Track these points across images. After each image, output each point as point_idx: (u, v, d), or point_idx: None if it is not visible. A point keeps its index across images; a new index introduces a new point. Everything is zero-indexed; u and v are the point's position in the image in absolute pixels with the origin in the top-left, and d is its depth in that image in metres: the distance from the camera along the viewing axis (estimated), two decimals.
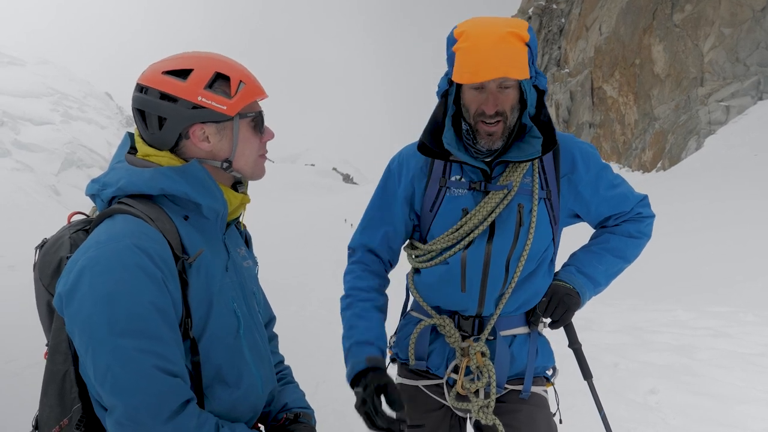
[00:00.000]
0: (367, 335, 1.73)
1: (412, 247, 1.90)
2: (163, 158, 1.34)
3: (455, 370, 1.81)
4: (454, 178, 1.77)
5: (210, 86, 1.31)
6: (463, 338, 1.80)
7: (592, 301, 2.00)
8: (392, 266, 1.97)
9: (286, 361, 1.73)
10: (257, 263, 1.62)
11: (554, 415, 1.86)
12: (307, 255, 22.18)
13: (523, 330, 1.83)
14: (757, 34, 27.86)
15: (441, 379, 1.84)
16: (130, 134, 1.42)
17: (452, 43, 1.60)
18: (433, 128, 1.73)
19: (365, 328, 1.74)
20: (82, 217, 1.42)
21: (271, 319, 1.74)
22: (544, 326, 1.86)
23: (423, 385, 1.88)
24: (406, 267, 1.98)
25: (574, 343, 1.91)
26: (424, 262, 1.84)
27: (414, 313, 1.93)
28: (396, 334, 1.99)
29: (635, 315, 7.43)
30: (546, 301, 1.79)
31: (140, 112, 1.33)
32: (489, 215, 1.72)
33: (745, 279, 8.92)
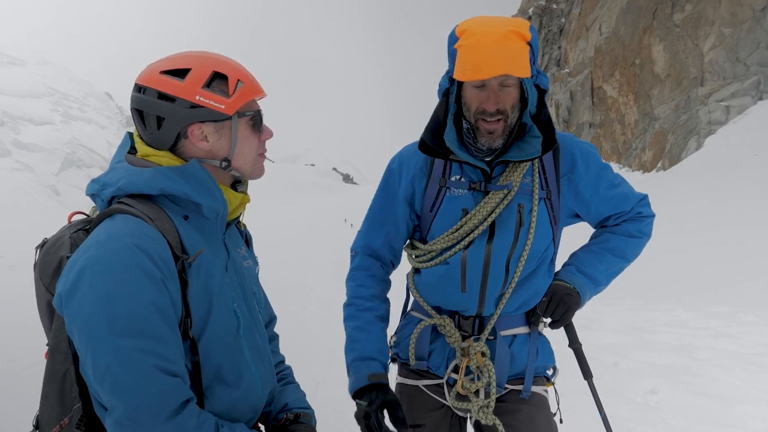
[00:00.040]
0: (369, 350, 1.75)
1: (413, 247, 1.90)
2: (163, 158, 1.33)
3: (455, 370, 1.81)
4: (454, 178, 1.77)
5: (208, 85, 1.31)
6: (464, 338, 1.80)
7: (592, 301, 2.00)
8: (395, 266, 1.97)
9: (286, 361, 1.73)
10: (258, 263, 1.62)
11: (554, 414, 1.86)
12: (307, 255, 22.18)
13: (523, 330, 1.83)
14: (758, 34, 27.84)
15: (441, 378, 1.84)
16: (130, 134, 1.42)
17: (454, 41, 1.60)
18: (435, 127, 1.73)
19: (367, 342, 1.77)
20: (83, 216, 1.42)
21: (272, 319, 1.74)
22: (545, 326, 1.85)
23: (423, 385, 1.88)
24: (406, 267, 1.98)
25: (575, 343, 1.91)
26: (424, 262, 1.84)
27: (414, 313, 1.93)
28: (396, 334, 1.99)
29: (635, 315, 7.43)
30: (546, 301, 1.79)
31: (139, 112, 1.33)
32: (489, 215, 1.71)
33: (745, 279, 8.92)
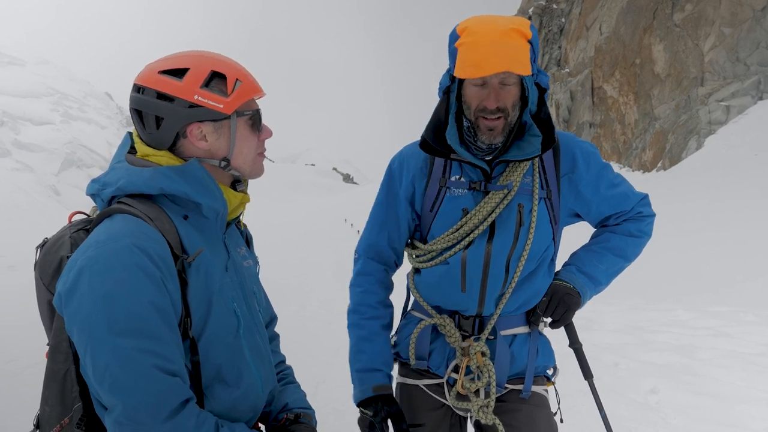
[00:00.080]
0: (374, 361, 1.79)
1: (413, 247, 1.90)
2: (163, 158, 1.34)
3: (456, 370, 1.81)
4: (454, 178, 1.77)
5: (206, 85, 1.31)
6: (464, 338, 1.80)
7: (592, 301, 2.00)
8: (398, 266, 1.98)
9: (286, 361, 1.73)
10: (258, 263, 1.62)
11: (555, 414, 1.86)
12: (307, 255, 22.16)
13: (523, 329, 1.83)
14: (758, 34, 27.81)
15: (441, 378, 1.85)
16: (130, 134, 1.42)
17: (455, 39, 1.60)
18: (436, 125, 1.73)
19: (372, 353, 1.80)
20: (83, 216, 1.42)
21: (273, 319, 1.74)
22: (545, 326, 1.85)
23: (423, 385, 1.88)
24: (406, 267, 1.98)
25: (575, 343, 1.91)
26: (424, 262, 1.84)
27: (414, 313, 1.93)
28: (397, 333, 1.99)
29: (636, 314, 7.43)
30: (546, 301, 1.79)
31: (138, 112, 1.33)
32: (489, 215, 1.71)
33: (745, 279, 8.91)
